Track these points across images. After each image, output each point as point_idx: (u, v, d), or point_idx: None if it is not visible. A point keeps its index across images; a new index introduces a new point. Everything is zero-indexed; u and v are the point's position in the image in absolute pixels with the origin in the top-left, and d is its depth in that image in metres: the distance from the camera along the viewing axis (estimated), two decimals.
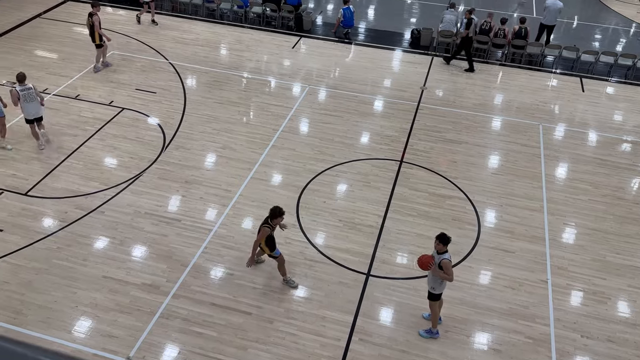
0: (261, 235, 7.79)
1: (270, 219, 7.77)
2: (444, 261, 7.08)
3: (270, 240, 7.96)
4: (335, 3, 18.93)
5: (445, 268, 7.08)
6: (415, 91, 13.95)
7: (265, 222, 7.80)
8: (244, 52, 15.34)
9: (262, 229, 7.77)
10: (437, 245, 7.15)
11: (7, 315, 7.72)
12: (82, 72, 13.76)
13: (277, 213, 7.73)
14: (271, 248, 8.04)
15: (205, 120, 12.25)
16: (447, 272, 7.08)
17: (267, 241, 7.94)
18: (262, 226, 7.79)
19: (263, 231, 7.76)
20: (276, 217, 7.75)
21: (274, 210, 7.72)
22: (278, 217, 7.75)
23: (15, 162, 10.69)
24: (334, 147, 11.62)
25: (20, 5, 17.22)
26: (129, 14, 17.18)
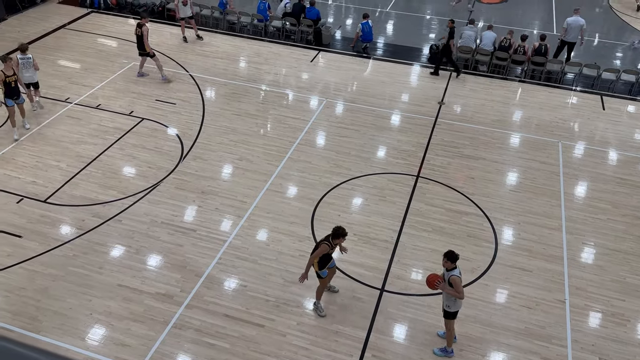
0: (319, 251, 7.56)
1: (331, 237, 7.55)
2: (453, 277, 7.00)
3: (324, 259, 7.73)
4: (354, 18, 19.05)
5: (455, 285, 6.98)
6: (433, 106, 13.92)
7: (326, 239, 7.59)
8: (263, 65, 15.48)
9: (322, 245, 7.55)
10: (445, 262, 7.10)
11: (23, 321, 7.80)
12: (103, 82, 14.00)
13: (340, 233, 7.50)
14: (321, 266, 7.81)
15: (223, 132, 12.35)
16: (457, 289, 6.99)
17: (321, 259, 7.72)
18: (322, 242, 7.58)
19: (322, 248, 7.53)
20: (338, 238, 7.53)
21: (337, 230, 7.51)
22: (340, 238, 7.54)
23: (35, 169, 10.87)
24: (350, 161, 11.61)
25: (46, 16, 17.64)
26: (151, 25, 17.45)
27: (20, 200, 10.07)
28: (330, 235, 7.60)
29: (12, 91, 11.40)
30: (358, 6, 20.02)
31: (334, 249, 7.65)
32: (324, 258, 7.71)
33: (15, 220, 9.58)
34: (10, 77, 11.28)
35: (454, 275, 7.02)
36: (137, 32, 13.72)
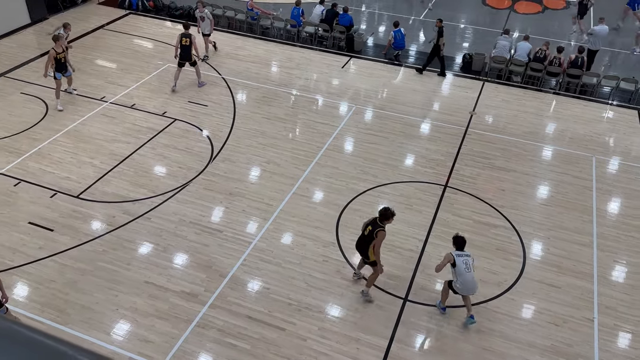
0: (380, 238, 7.78)
1: (380, 220, 7.80)
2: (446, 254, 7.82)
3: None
4: (387, 25, 19.02)
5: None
6: (464, 116, 13.76)
7: (379, 225, 7.78)
8: (294, 70, 15.59)
9: (380, 233, 7.74)
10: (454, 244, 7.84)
11: (51, 313, 8.00)
12: (138, 83, 14.31)
13: (390, 214, 7.76)
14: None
15: (252, 135, 12.47)
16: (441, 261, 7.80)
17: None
18: (379, 230, 7.76)
19: (382, 235, 7.75)
20: (388, 219, 7.75)
21: (386, 211, 7.76)
22: (390, 219, 7.77)
23: (69, 165, 11.17)
24: (378, 168, 11.57)
25: (86, 17, 18.16)
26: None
27: (54, 194, 10.35)
28: (378, 219, 7.80)
29: (61, 66, 12.67)
30: (391, 14, 19.99)
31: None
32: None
33: (48, 214, 9.85)
34: (60, 54, 12.55)
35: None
36: (184, 42, 13.51)
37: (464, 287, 7.78)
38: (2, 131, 12.10)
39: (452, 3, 21.33)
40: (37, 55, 15.66)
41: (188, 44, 13.58)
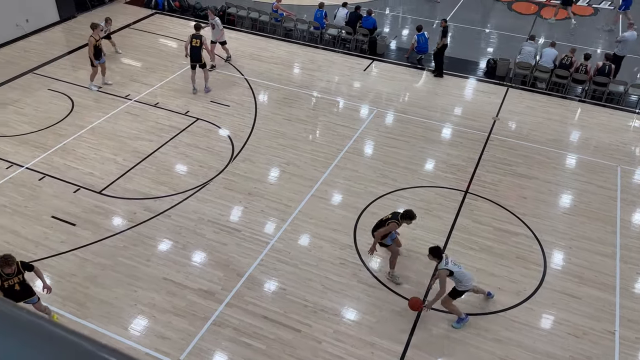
0: (387, 229, 8.31)
1: (402, 217, 8.32)
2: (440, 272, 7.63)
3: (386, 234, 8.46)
4: (411, 29, 18.93)
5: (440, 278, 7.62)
6: (487, 121, 13.62)
7: (395, 218, 8.32)
8: (316, 72, 15.61)
9: (391, 224, 8.28)
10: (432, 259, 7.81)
11: (71, 307, 8.14)
12: (162, 82, 14.48)
13: (411, 216, 8.29)
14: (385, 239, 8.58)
15: (272, 136, 12.52)
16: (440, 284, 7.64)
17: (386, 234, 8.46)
18: (391, 221, 8.30)
19: (391, 226, 8.29)
20: (407, 219, 8.31)
21: (410, 212, 8.31)
22: (409, 220, 8.31)
23: (93, 161, 11.36)
24: (397, 172, 11.51)
25: (113, 15, 18.42)
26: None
27: (77, 190, 10.53)
28: (400, 214, 8.34)
29: (98, 53, 13.59)
30: (416, 17, 19.90)
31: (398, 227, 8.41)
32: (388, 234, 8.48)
33: (70, 209, 10.03)
34: (98, 41, 13.47)
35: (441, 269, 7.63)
36: (194, 44, 13.46)
37: (467, 283, 7.85)
38: (29, 126, 12.37)
39: (478, 7, 21.16)
40: (65, 52, 15.98)
41: (198, 45, 13.46)
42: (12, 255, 6.99)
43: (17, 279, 7.09)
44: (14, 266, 6.97)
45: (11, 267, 6.94)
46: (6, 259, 6.85)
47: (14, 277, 7.06)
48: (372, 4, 19.78)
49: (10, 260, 6.88)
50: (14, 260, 6.96)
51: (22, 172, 10.91)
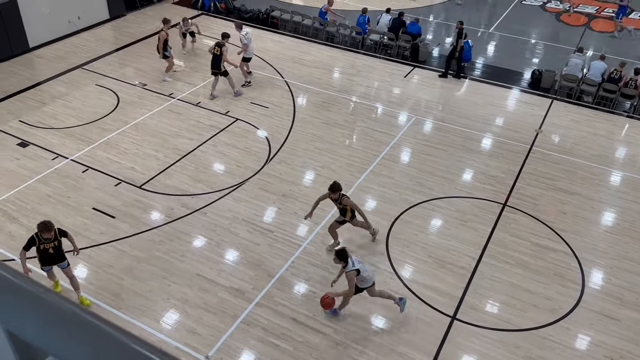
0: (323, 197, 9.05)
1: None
2: (348, 274, 7.64)
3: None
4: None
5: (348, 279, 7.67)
6: (529, 133, 13.30)
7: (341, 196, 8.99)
8: (356, 77, 15.61)
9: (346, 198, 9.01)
10: (337, 262, 7.76)
11: (107, 297, 8.37)
12: (205, 82, 14.76)
13: (336, 187, 8.80)
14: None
15: (309, 139, 12.58)
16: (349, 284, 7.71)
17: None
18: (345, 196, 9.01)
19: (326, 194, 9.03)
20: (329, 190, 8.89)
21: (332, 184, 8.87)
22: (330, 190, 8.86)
23: (135, 156, 11.67)
24: (434, 181, 11.37)
25: (160, 15, 18.90)
26: (254, 31, 18.21)
27: (118, 183, 10.84)
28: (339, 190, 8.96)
29: (166, 47, 14.41)
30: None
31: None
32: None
33: (111, 202, 10.33)
34: (168, 36, 14.31)
35: (349, 271, 7.60)
36: (215, 52, 13.49)
37: (369, 278, 7.89)
38: (76, 120, 12.82)
39: (525, 17, 20.72)
40: (113, 49, 16.49)
41: (218, 54, 13.41)
42: (51, 222, 7.61)
43: (52, 244, 7.68)
44: (52, 232, 7.58)
45: (50, 233, 7.56)
46: (47, 224, 7.49)
47: (51, 242, 7.65)
48: (416, 11, 19.65)
49: (50, 226, 7.51)
50: (53, 226, 7.59)
51: (67, 164, 11.31)
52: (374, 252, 9.44)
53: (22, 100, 13.61)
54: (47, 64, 15.46)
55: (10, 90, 13.95)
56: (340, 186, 8.92)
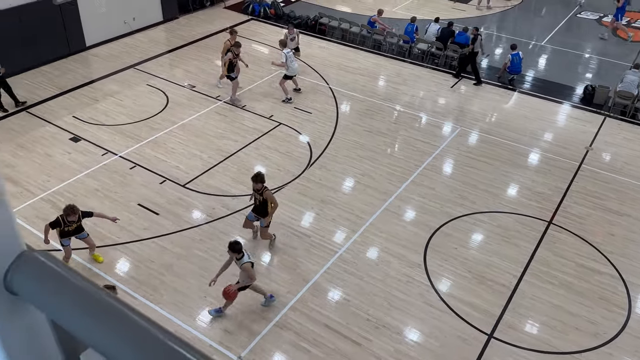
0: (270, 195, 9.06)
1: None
2: (245, 265, 7.74)
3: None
4: (504, 47, 18.33)
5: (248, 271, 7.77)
6: (579, 150, 12.86)
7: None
8: (401, 85, 15.50)
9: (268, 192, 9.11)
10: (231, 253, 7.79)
11: (146, 291, 8.58)
12: (251, 86, 14.99)
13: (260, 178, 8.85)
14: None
15: (351, 146, 12.56)
16: (250, 274, 7.81)
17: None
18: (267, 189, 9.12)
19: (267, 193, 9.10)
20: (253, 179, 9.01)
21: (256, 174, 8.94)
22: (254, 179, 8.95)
23: (180, 156, 11.95)
24: (477, 194, 11.14)
25: (212, 19, 19.41)
26: (302, 38, 18.39)
27: (164, 181, 11.12)
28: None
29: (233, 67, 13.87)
30: (510, 36, 19.23)
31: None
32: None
33: (156, 199, 10.60)
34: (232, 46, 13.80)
35: (245, 263, 7.72)
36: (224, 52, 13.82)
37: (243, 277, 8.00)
38: (127, 117, 13.25)
39: (579, 31, 20.10)
40: (165, 51, 16.98)
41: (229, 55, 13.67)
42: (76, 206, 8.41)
43: (75, 225, 8.51)
44: (77, 215, 8.39)
45: (75, 216, 8.35)
46: (72, 208, 8.28)
47: (75, 224, 8.47)
48: (466, 22, 19.37)
49: (75, 210, 8.32)
50: (78, 210, 8.41)
51: (116, 160, 11.69)
52: (412, 264, 9.32)
53: (77, 96, 14.18)
54: (101, 62, 16.07)
55: (65, 87, 14.57)
56: (263, 177, 8.95)
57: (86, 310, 1.05)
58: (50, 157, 11.70)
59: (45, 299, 1.11)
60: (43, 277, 1.12)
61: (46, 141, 12.24)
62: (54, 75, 15.12)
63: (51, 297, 1.09)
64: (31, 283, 1.13)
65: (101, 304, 1.04)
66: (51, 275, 1.11)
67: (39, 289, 1.12)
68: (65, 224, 8.39)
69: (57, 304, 1.09)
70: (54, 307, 1.10)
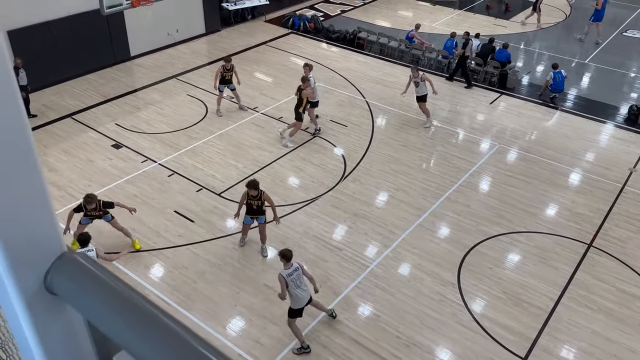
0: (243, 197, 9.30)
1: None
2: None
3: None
4: (546, 65, 17.97)
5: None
6: (622, 172, 12.43)
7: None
8: (439, 101, 15.36)
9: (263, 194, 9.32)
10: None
11: (179, 297, 8.71)
12: (288, 98, 15.14)
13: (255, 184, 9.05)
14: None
15: (385, 160, 12.50)
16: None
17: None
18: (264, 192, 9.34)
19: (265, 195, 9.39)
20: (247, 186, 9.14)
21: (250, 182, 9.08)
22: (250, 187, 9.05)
23: (217, 165, 12.15)
24: (514, 213, 10.88)
25: (252, 32, 19.76)
26: (340, 51, 18.51)
27: (200, 190, 11.32)
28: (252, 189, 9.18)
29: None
30: (553, 54, 18.84)
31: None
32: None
33: (192, 206, 10.79)
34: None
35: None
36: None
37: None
38: (167, 126, 13.58)
39: (625, 49, 19.52)
40: (206, 62, 17.37)
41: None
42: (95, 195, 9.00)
43: (97, 214, 9.02)
44: (94, 204, 8.81)
45: (92, 204, 8.79)
46: (89, 197, 8.80)
47: (96, 212, 8.97)
48: (508, 37, 19.11)
49: (93, 199, 8.79)
50: (96, 198, 8.89)
51: (155, 167, 11.98)
52: (445, 282, 9.16)
53: (120, 105, 14.63)
54: (144, 72, 16.55)
55: (109, 95, 15.06)
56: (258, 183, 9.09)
57: (121, 312, 1.07)
58: (92, 162, 12.08)
59: (83, 300, 1.14)
60: (82, 278, 1.15)
61: (89, 147, 12.65)
62: (98, 84, 15.66)
63: (88, 298, 1.12)
64: (70, 284, 1.16)
65: (136, 307, 1.06)
66: (90, 276, 1.14)
67: (78, 290, 1.15)
68: (86, 210, 8.87)
69: (94, 305, 1.12)
70: (91, 308, 1.13)
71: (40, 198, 1.12)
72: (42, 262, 1.15)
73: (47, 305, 1.16)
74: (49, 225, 1.15)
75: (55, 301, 1.17)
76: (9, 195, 1.05)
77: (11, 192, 1.05)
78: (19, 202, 1.08)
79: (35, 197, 1.11)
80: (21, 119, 1.04)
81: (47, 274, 1.15)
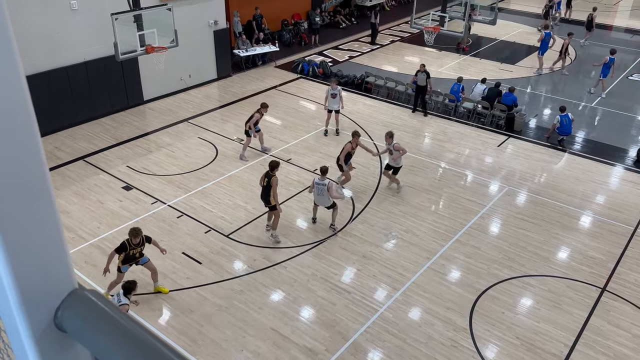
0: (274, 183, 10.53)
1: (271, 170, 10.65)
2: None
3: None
4: (553, 108, 18.10)
5: None
6: (634, 215, 12.30)
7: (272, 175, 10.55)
8: (446, 143, 15.47)
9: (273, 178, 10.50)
10: None
11: (185, 341, 8.57)
12: (297, 140, 15.32)
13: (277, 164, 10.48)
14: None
15: (394, 202, 12.48)
16: None
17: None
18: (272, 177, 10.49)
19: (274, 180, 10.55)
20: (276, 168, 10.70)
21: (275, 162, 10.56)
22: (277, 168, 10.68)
23: (226, 206, 12.18)
24: (526, 256, 10.74)
25: (263, 77, 20.20)
26: (348, 95, 18.81)
27: (208, 231, 11.31)
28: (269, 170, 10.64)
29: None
30: (560, 97, 19.02)
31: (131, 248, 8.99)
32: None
33: (199, 248, 10.76)
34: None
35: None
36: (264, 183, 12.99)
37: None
38: (177, 168, 13.72)
39: (631, 93, 19.68)
40: (217, 106, 17.70)
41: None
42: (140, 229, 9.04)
43: (139, 249, 9.05)
44: (140, 237, 8.93)
45: (138, 238, 8.90)
46: (136, 230, 8.88)
47: (138, 247, 8.99)
48: (514, 82, 19.36)
49: (139, 232, 8.92)
50: (141, 232, 9.00)
51: (164, 209, 12.03)
52: (456, 327, 8.96)
53: (132, 147, 14.86)
54: (157, 115, 16.87)
55: (121, 138, 15.31)
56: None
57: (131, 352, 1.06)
58: (102, 204, 12.17)
59: (92, 338, 1.13)
60: (92, 316, 1.15)
61: (99, 189, 12.77)
62: (111, 127, 15.95)
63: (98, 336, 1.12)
64: (80, 321, 1.16)
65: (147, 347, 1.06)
66: (100, 314, 1.14)
67: (87, 327, 1.15)
68: (131, 246, 8.88)
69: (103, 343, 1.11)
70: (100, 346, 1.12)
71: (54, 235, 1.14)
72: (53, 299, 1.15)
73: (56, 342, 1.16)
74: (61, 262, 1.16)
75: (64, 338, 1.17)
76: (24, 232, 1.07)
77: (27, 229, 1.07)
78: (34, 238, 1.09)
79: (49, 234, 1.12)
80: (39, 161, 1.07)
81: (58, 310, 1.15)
